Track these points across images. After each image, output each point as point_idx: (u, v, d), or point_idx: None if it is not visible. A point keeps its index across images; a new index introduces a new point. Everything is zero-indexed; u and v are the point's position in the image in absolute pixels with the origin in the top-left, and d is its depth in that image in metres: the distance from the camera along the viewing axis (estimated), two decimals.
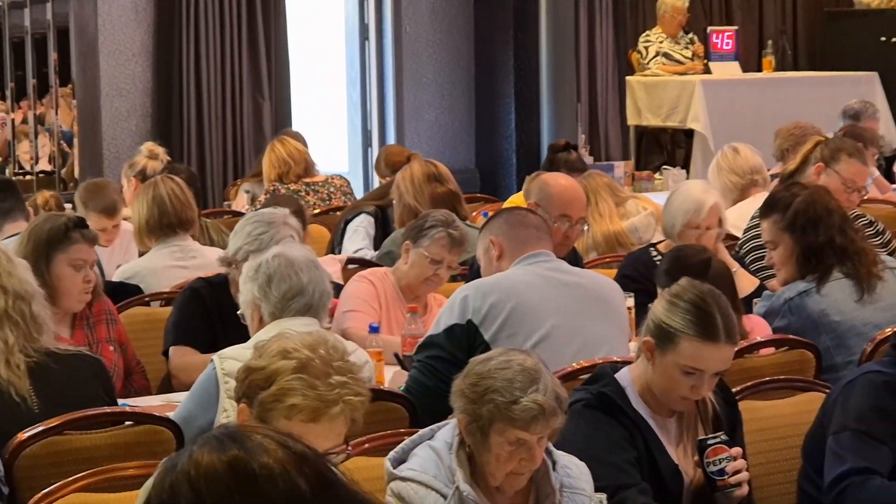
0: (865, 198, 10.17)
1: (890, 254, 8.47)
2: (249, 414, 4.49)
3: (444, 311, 6.56)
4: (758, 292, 7.49)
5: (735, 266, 7.61)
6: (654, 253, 7.93)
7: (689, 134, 15.60)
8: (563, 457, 4.74)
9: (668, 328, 5.11)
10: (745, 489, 5.04)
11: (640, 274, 7.51)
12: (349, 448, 4.55)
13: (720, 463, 4.84)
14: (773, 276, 7.52)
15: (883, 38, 18.16)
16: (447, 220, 7.58)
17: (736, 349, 6.28)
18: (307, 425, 4.32)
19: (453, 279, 7.88)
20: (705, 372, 5.08)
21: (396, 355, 7.00)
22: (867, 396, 5.30)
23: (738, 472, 5.01)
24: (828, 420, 5.41)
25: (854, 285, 7.02)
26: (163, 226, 8.25)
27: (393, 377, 6.75)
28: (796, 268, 7.10)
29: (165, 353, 7.22)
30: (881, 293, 7.06)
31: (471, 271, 7.59)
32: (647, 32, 16.31)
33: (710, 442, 4.85)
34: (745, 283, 7.63)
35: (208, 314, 7.07)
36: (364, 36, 15.91)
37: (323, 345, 4.51)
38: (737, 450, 4.97)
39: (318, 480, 2.61)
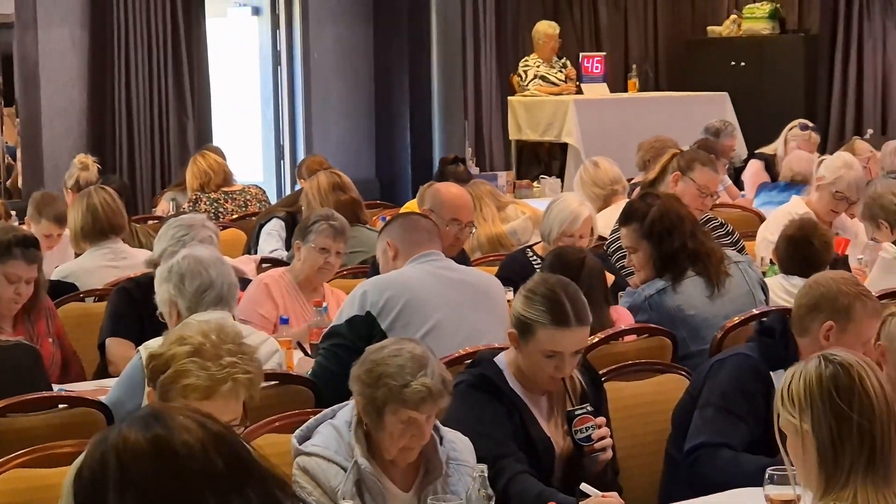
0: (718, 202, 10.26)
1: (739, 252, 8.54)
2: (154, 396, 4.51)
3: (346, 304, 6.63)
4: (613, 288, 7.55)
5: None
6: (531, 253, 7.98)
7: (564, 147, 15.65)
8: (448, 432, 4.76)
9: (526, 320, 5.16)
10: (608, 454, 5.08)
11: (516, 272, 7.52)
12: (247, 421, 4.56)
13: (586, 431, 4.87)
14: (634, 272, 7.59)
15: (733, 63, 18.27)
16: (327, 214, 7.69)
17: (602, 337, 6.37)
18: (202, 402, 4.35)
19: (354, 276, 7.92)
20: (564, 353, 5.12)
21: (298, 343, 7.01)
22: (733, 377, 5.35)
23: (602, 438, 5.04)
24: (697, 393, 5.47)
25: (705, 283, 7.10)
26: (96, 231, 8.25)
27: (298, 363, 6.75)
28: (653, 270, 7.18)
29: (101, 345, 7.21)
30: (728, 287, 7.14)
31: (371, 269, 7.60)
32: (526, 58, 16.34)
33: (577, 413, 4.87)
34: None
35: (138, 310, 7.04)
36: (276, 62, 15.88)
37: (216, 331, 4.55)
38: (601, 419, 5.00)
39: (234, 458, 2.61)
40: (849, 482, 3.65)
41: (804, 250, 7.47)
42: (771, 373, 5.34)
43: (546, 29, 16.18)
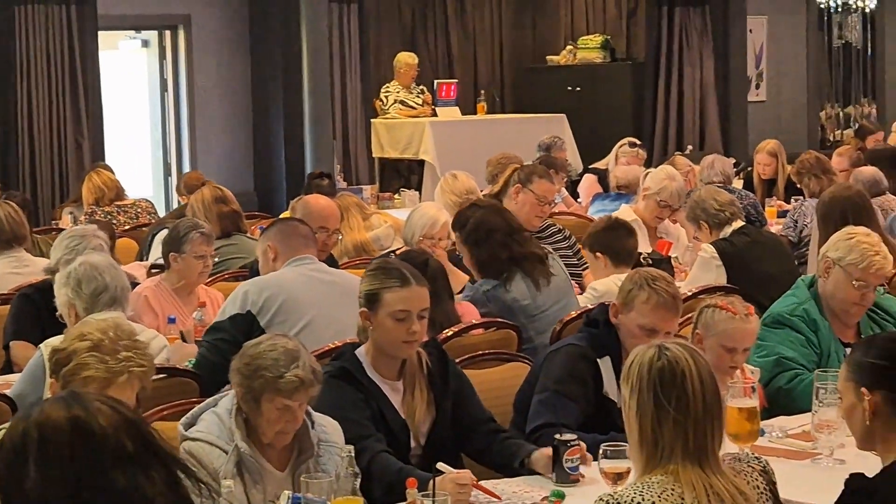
0: (556, 211, 10.34)
1: (575, 254, 8.64)
2: (57, 387, 4.50)
3: (229, 302, 6.65)
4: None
5: (451, 267, 7.72)
6: (393, 257, 7.99)
7: (421, 163, 15.64)
8: (319, 417, 4.77)
9: (371, 292, 5.22)
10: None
11: None
12: (140, 409, 4.57)
13: (575, 462, 4.82)
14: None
15: (569, 88, 18.41)
16: (195, 224, 7.70)
17: (456, 330, 6.41)
18: (101, 392, 4.31)
19: (234, 279, 7.91)
20: (412, 312, 5.15)
21: (181, 333, 6.98)
22: (565, 364, 5.39)
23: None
24: (534, 380, 5.50)
25: (531, 280, 7.18)
26: (1, 241, 8.18)
27: (175, 348, 6.70)
28: (479, 271, 7.28)
29: (5, 346, 7.15)
30: (555, 280, 7.26)
31: (250, 272, 7.58)
32: (387, 84, 16.36)
33: (570, 444, 4.83)
34: (461, 279, 7.75)
35: (38, 313, 6.99)
36: (163, 88, 15.82)
37: (112, 328, 4.57)
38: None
39: (141, 441, 2.62)
40: (669, 463, 3.70)
41: (611, 234, 7.60)
42: (598, 359, 5.42)
43: (407, 59, 16.23)
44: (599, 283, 7.46)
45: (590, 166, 13.98)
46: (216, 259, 7.86)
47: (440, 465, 4.66)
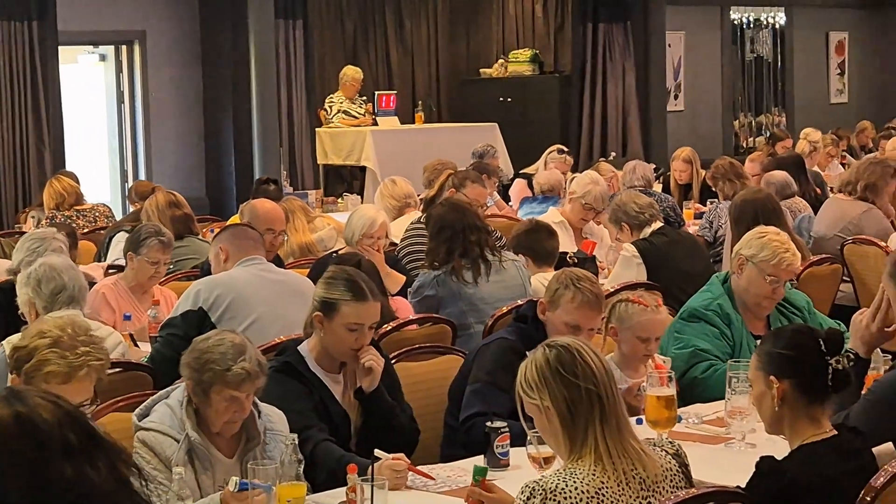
0: (488, 213, 10.36)
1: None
2: (19, 382, 4.47)
3: (182, 300, 6.67)
4: (407, 286, 7.61)
5: (387, 269, 7.74)
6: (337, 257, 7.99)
7: (363, 169, 15.65)
8: (265, 407, 4.76)
9: (329, 300, 5.19)
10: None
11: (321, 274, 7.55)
12: (98, 400, 4.58)
13: (505, 447, 4.82)
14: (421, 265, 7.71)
15: (501, 99, 18.44)
16: (157, 230, 7.64)
17: (394, 325, 6.41)
18: (61, 386, 4.34)
19: (187, 279, 7.89)
20: (364, 325, 5.15)
21: (131, 335, 6.95)
22: (496, 356, 5.39)
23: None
24: (468, 372, 5.50)
25: (477, 272, 7.22)
26: None
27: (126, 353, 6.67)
28: (434, 258, 7.33)
29: None
30: (503, 276, 7.28)
31: (202, 272, 7.57)
32: (331, 96, 16.34)
33: (500, 432, 4.81)
34: (398, 280, 7.78)
35: (2, 312, 6.93)
36: (120, 100, 15.74)
37: (71, 325, 4.55)
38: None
39: (85, 434, 2.58)
40: (588, 436, 3.71)
41: (532, 236, 7.64)
42: (527, 352, 5.40)
43: (353, 73, 16.25)
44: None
45: (520, 171, 14.02)
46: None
47: (377, 452, 4.66)
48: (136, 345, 6.83)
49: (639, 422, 5.22)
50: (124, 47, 15.65)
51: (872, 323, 4.88)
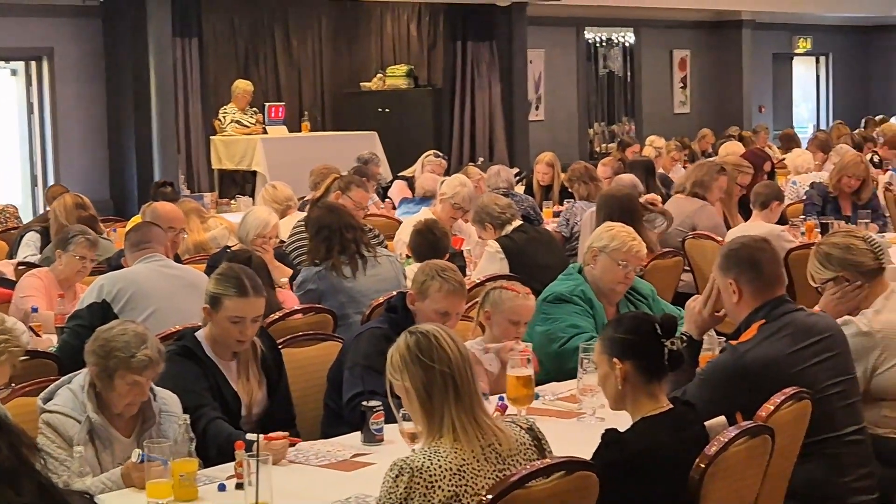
0: (369, 213, 10.36)
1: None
2: None
3: (87, 294, 6.69)
4: (293, 278, 7.58)
5: (276, 263, 7.73)
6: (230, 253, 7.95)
7: (254, 174, 15.58)
8: (160, 390, 4.73)
9: (216, 295, 5.17)
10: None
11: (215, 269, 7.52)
12: (13, 384, 4.55)
13: (379, 424, 4.80)
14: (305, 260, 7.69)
15: (380, 109, 18.42)
16: (83, 230, 7.61)
17: (281, 315, 6.39)
18: None
19: (92, 274, 7.81)
20: (246, 318, 5.12)
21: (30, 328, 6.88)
22: (370, 343, 5.37)
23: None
24: (345, 358, 5.49)
25: (354, 267, 7.22)
26: None
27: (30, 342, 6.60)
28: (315, 255, 7.32)
29: None
30: (379, 270, 7.29)
31: (108, 267, 7.52)
32: (225, 107, 16.24)
33: (375, 410, 4.79)
34: (286, 273, 7.76)
35: None
36: (30, 111, 15.53)
37: None
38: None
39: None
40: (444, 415, 3.72)
41: (428, 238, 7.60)
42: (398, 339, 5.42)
43: (245, 86, 16.19)
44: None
45: (398, 174, 14.02)
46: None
47: (249, 436, 4.65)
48: (38, 335, 6.76)
49: (500, 399, 5.27)
50: (34, 63, 15.44)
51: (704, 309, 4.96)
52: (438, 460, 3.63)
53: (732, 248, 4.95)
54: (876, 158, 15.10)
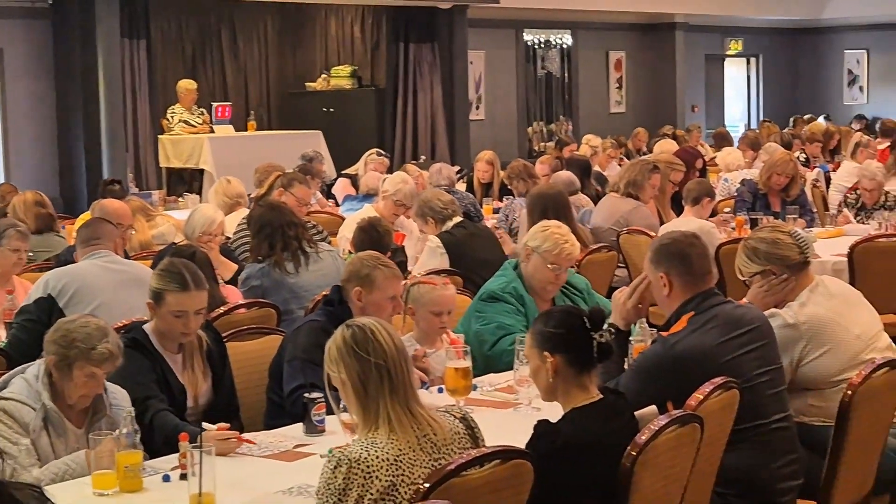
0: (313, 210, 10.34)
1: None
2: None
3: (35, 289, 6.63)
4: (238, 273, 7.55)
5: (221, 259, 7.69)
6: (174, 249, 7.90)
7: (202, 172, 15.51)
8: (110, 385, 4.72)
9: (158, 290, 5.14)
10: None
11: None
12: None
13: (321, 415, 4.77)
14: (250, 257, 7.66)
15: (324, 109, 18.41)
16: (13, 223, 7.58)
17: (226, 309, 6.34)
18: None
19: (41, 270, 7.76)
20: (188, 311, 5.09)
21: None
22: (309, 336, 5.34)
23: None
24: (284, 352, 5.46)
25: (297, 264, 7.19)
26: None
27: None
28: (258, 252, 7.28)
29: None
30: (321, 266, 7.27)
31: (56, 263, 7.47)
32: (172, 107, 16.17)
33: (316, 401, 4.75)
34: (231, 268, 7.72)
35: None
36: None
37: None
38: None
39: None
40: (380, 407, 3.71)
41: (372, 235, 7.58)
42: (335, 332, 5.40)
43: (187, 86, 16.12)
44: None
45: (342, 172, 14.00)
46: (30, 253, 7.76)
47: (205, 425, 4.64)
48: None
49: (440, 391, 5.27)
50: None
51: (628, 300, 4.98)
52: (375, 451, 3.62)
53: (663, 242, 4.97)
54: (803, 157, 15.22)
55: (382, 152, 13.56)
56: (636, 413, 4.16)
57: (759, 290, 5.24)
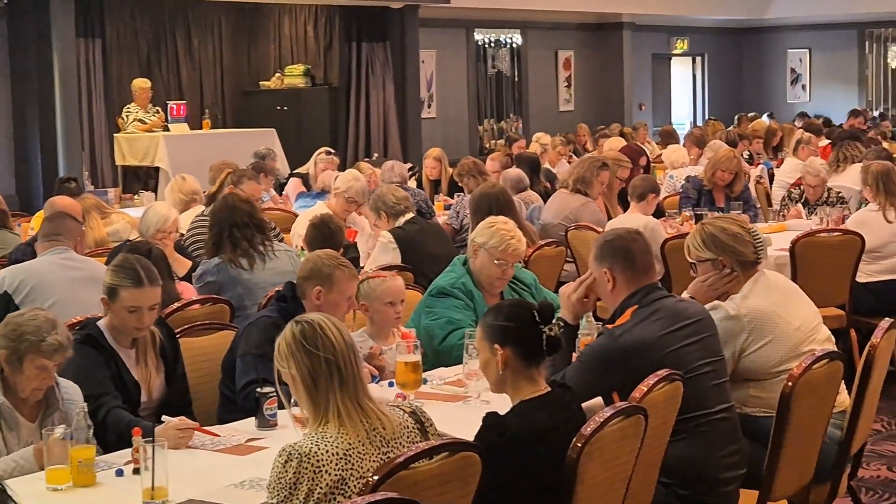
0: (266, 207, 10.31)
1: (280, 242, 8.59)
2: None
3: None
4: (192, 270, 7.51)
5: (176, 255, 7.65)
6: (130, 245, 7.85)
7: (157, 170, 15.41)
8: (62, 380, 4.70)
9: (112, 286, 5.11)
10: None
11: None
12: None
13: (273, 410, 4.74)
14: (203, 253, 7.61)
15: (278, 107, 18.37)
16: None
17: (179, 305, 6.32)
18: None
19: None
20: (142, 307, 5.06)
21: None
22: (262, 332, 5.30)
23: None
24: (237, 347, 5.44)
25: (252, 260, 7.17)
26: None
27: None
28: (214, 247, 7.25)
29: None
30: (276, 264, 7.24)
31: (9, 261, 7.43)
32: (128, 105, 16.04)
33: (268, 396, 4.72)
34: (185, 264, 7.68)
35: None
36: None
37: None
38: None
39: None
40: (329, 401, 3.71)
41: (324, 231, 7.55)
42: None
43: (141, 84, 16.00)
44: None
45: (294, 171, 13.95)
46: None
47: (164, 417, 4.62)
48: None
49: (391, 384, 5.26)
50: None
51: (573, 294, 5.00)
52: (325, 445, 3.62)
53: (607, 239, 4.99)
54: (747, 154, 15.30)
55: (332, 151, 13.49)
56: (584, 405, 4.17)
57: (703, 283, 5.28)
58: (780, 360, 5.10)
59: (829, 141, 15.21)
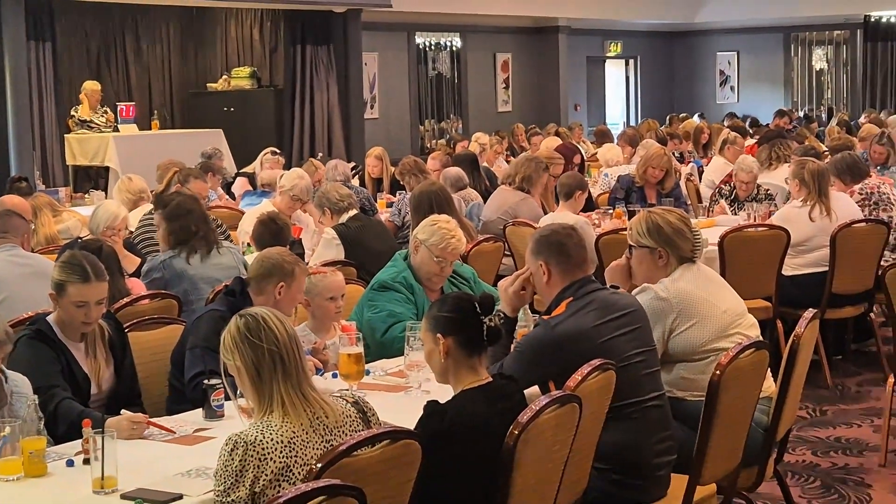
0: (212, 205, 10.25)
1: (225, 239, 8.54)
2: None
3: None
4: (141, 266, 7.46)
5: (125, 252, 7.60)
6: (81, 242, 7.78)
7: (107, 169, 15.32)
8: (11, 373, 4.62)
9: (59, 282, 5.06)
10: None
11: None
12: None
13: (220, 401, 4.71)
14: (156, 251, 7.55)
15: (225, 109, 18.27)
16: None
17: (128, 301, 6.27)
18: None
19: None
20: (90, 302, 5.02)
21: None
22: (210, 325, 5.28)
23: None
24: (186, 339, 5.41)
25: (200, 256, 7.13)
26: None
27: None
28: (165, 242, 7.20)
29: None
30: (221, 260, 7.21)
31: None
32: (77, 106, 15.96)
33: (215, 388, 4.69)
34: (134, 261, 7.64)
35: None
36: None
37: None
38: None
39: None
40: (273, 391, 3.71)
41: (272, 228, 7.52)
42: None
43: (92, 86, 15.93)
44: None
45: (240, 170, 13.90)
46: None
47: (123, 412, 4.60)
48: None
49: (334, 375, 5.26)
50: None
51: (510, 287, 5.03)
52: (270, 434, 3.62)
53: (543, 234, 5.02)
54: (678, 153, 15.40)
55: (277, 151, 13.47)
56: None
57: (639, 265, 5.34)
58: (708, 341, 5.17)
59: (754, 140, 15.34)
